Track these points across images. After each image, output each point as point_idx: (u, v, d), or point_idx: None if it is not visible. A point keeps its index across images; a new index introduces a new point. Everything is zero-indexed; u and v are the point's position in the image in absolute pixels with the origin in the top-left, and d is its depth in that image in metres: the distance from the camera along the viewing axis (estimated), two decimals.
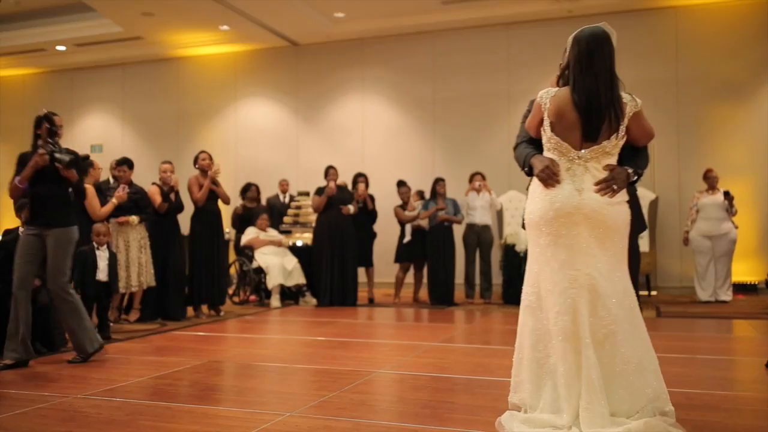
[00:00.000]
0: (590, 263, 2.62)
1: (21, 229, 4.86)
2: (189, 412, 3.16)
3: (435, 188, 8.20)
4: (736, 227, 8.14)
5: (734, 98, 9.22)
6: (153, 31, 10.81)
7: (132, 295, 6.57)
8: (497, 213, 8.92)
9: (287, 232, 9.01)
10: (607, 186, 2.63)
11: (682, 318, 6.79)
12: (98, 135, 12.54)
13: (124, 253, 6.30)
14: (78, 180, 4.52)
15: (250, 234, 8.51)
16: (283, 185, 9.76)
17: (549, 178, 2.67)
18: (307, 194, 9.26)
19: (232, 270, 8.94)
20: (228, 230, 9.14)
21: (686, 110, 9.39)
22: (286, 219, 9.17)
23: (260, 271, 8.29)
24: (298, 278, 8.27)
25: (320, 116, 11.15)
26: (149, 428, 2.90)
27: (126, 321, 6.50)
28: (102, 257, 5.45)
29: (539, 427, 2.54)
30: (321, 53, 11.10)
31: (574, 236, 2.64)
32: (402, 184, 8.53)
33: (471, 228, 8.24)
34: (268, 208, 9.26)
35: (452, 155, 10.33)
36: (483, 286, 8.27)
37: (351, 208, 8.06)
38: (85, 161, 6.17)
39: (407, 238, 8.35)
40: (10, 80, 13.25)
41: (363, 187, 8.39)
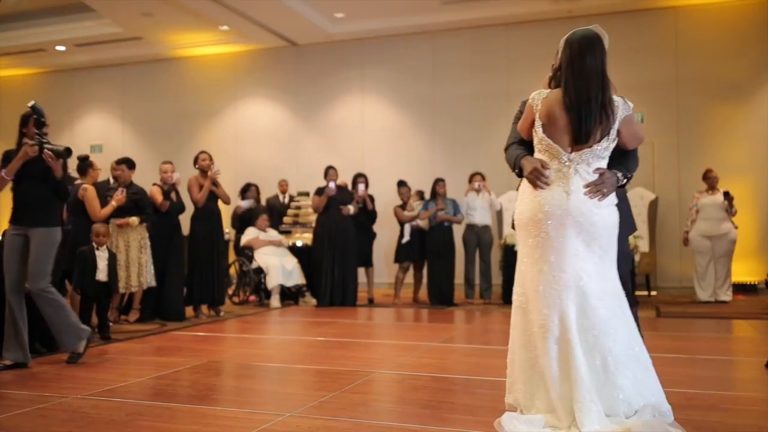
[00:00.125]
0: (578, 265, 2.64)
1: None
2: (189, 413, 3.16)
3: (435, 188, 8.20)
4: (736, 227, 8.13)
5: (734, 98, 9.22)
6: (153, 31, 10.81)
7: (132, 296, 6.57)
8: (497, 213, 8.92)
9: (287, 233, 9.01)
10: (597, 189, 2.65)
11: (682, 318, 6.79)
12: (98, 135, 12.54)
13: (124, 254, 6.30)
14: (61, 177, 4.38)
15: (250, 234, 8.51)
16: (283, 185, 9.75)
17: (538, 180, 2.68)
18: (307, 194, 9.26)
19: (232, 270, 8.94)
20: (228, 230, 9.15)
21: (686, 110, 9.39)
22: (286, 219, 9.17)
23: (260, 272, 8.29)
24: (298, 278, 8.27)
25: (320, 116, 11.15)
26: (149, 428, 2.90)
27: (126, 321, 6.50)
28: (102, 257, 5.45)
29: (539, 428, 2.55)
30: (321, 53, 11.10)
31: (562, 238, 2.65)
32: (402, 184, 8.54)
33: (471, 228, 8.24)
34: (268, 209, 9.26)
35: (452, 155, 10.33)
36: (483, 287, 8.27)
37: (351, 209, 8.06)
38: (85, 161, 6.17)
39: (406, 238, 8.36)
40: (10, 80, 13.25)
41: (363, 188, 8.38)
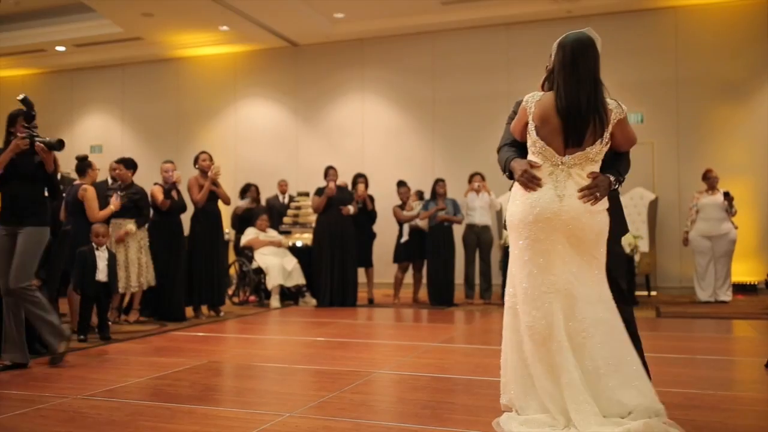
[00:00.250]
0: (566, 268, 2.64)
1: None
2: (189, 413, 3.16)
3: (435, 189, 8.20)
4: (736, 227, 8.13)
5: (734, 98, 9.21)
6: (153, 32, 10.81)
7: (132, 296, 6.57)
8: (497, 213, 8.91)
9: (287, 233, 9.01)
10: (590, 193, 2.65)
11: (682, 318, 6.79)
12: (98, 135, 12.54)
13: (124, 254, 6.30)
14: (53, 171, 4.32)
15: (250, 234, 8.51)
16: (283, 186, 9.75)
17: (529, 182, 2.69)
18: (307, 195, 9.25)
19: (232, 270, 8.94)
20: (228, 231, 9.15)
21: (686, 110, 9.39)
22: (286, 219, 9.17)
23: (260, 272, 8.28)
24: (298, 279, 8.27)
25: (320, 116, 11.15)
26: (149, 429, 2.90)
27: (126, 321, 6.50)
28: (101, 258, 5.45)
29: (537, 428, 2.55)
30: (321, 53, 11.10)
31: (552, 241, 2.65)
32: (402, 185, 8.54)
33: (471, 228, 8.24)
34: (268, 209, 9.26)
35: (452, 155, 10.33)
36: (482, 287, 8.27)
37: (351, 209, 8.05)
38: (84, 162, 6.16)
39: (404, 238, 8.36)
40: (10, 80, 13.24)
41: (363, 188, 8.38)
